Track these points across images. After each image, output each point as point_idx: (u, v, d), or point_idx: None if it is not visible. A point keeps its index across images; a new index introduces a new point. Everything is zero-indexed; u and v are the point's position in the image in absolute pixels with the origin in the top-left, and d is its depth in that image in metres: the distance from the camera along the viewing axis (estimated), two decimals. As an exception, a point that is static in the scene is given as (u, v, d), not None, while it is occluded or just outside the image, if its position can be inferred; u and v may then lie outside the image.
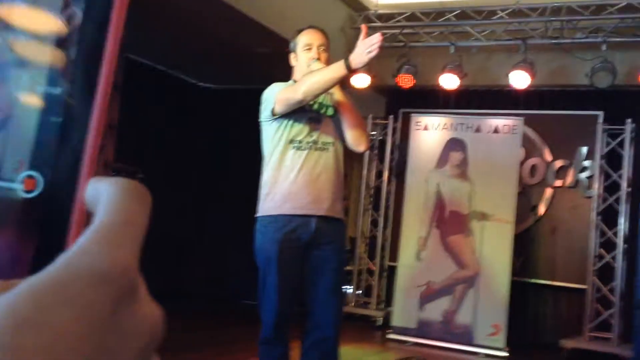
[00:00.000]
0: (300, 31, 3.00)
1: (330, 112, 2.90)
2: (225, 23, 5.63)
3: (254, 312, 2.88)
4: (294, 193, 2.80)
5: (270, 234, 2.80)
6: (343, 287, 2.95)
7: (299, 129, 2.84)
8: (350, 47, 6.71)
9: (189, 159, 7.40)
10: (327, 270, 2.82)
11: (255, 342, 2.82)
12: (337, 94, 2.87)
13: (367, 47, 2.59)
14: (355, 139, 2.86)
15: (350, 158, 3.04)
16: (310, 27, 2.99)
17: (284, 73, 3.05)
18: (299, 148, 2.82)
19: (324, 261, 2.82)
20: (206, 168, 7.52)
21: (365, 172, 7.04)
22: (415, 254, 6.02)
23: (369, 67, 6.49)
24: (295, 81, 2.95)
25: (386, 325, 6.09)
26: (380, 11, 6.77)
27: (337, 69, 2.69)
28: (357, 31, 6.77)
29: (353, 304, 6.70)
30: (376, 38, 2.59)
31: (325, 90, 2.79)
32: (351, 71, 2.68)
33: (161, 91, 7.07)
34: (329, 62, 2.90)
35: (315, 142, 2.84)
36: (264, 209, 2.85)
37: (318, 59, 2.87)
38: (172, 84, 7.38)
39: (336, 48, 6.66)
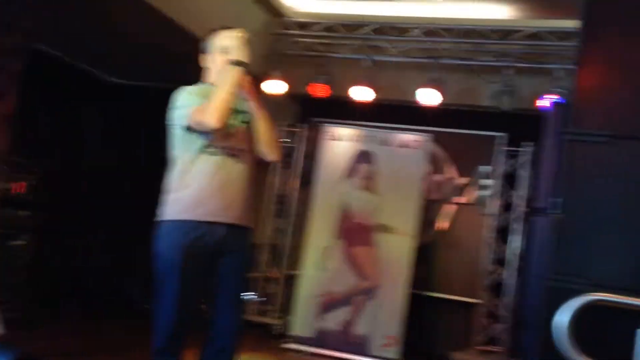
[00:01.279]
0: (215, 31, 2.89)
1: (244, 119, 2.85)
2: (139, 19, 5.46)
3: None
4: (203, 199, 2.71)
5: (175, 240, 2.68)
6: (245, 295, 2.89)
7: (213, 135, 2.74)
8: (264, 52, 6.73)
9: (92, 155, 7.13)
10: (232, 279, 2.76)
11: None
12: (250, 102, 2.82)
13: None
14: (266, 148, 2.82)
15: (259, 165, 2.98)
16: (226, 27, 2.88)
17: (198, 73, 2.97)
18: (212, 154, 2.73)
19: (229, 270, 2.75)
20: (109, 164, 7.26)
21: (273, 179, 7.01)
22: (318, 263, 6.04)
23: (284, 74, 6.50)
24: (211, 84, 2.84)
25: (285, 334, 6.07)
26: (299, 19, 6.77)
27: (230, 76, 2.68)
28: (275, 37, 6.81)
29: (253, 311, 6.64)
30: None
31: (231, 103, 2.72)
32: (240, 64, 2.69)
33: (68, 84, 6.77)
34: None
35: (229, 149, 2.76)
36: (169, 213, 2.74)
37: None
38: (80, 77, 7.07)
39: (252, 52, 6.66)
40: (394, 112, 6.68)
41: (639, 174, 2.44)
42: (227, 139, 2.76)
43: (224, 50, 2.80)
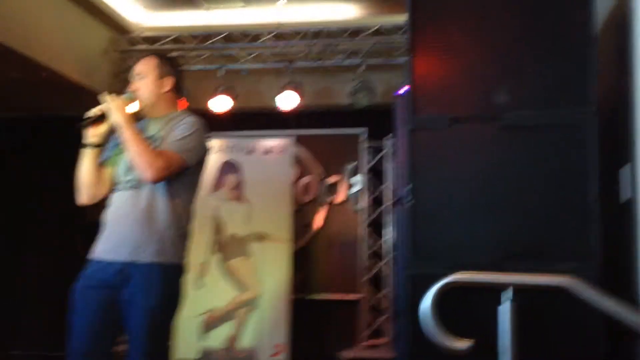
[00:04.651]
0: None
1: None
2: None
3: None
4: (103, 237, 2.72)
5: (81, 279, 2.70)
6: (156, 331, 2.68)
7: (120, 168, 2.76)
8: (114, 70, 6.47)
9: None
10: (132, 318, 2.62)
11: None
12: (119, 124, 2.69)
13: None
14: (138, 171, 2.67)
15: (181, 190, 2.86)
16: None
17: (40, 99, 2.84)
18: (117, 189, 2.75)
19: (129, 305, 2.63)
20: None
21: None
22: (195, 281, 5.86)
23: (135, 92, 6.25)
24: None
25: None
26: (146, 34, 6.56)
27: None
28: (121, 54, 6.55)
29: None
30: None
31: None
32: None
33: None
34: (149, 88, 2.81)
35: (131, 181, 2.71)
36: None
37: (133, 90, 2.80)
38: None
39: (98, 71, 6.38)
40: (255, 119, 6.63)
41: (478, 153, 2.52)
42: (132, 170, 2.72)
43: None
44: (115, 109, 2.68)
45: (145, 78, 2.81)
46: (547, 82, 2.49)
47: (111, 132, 2.80)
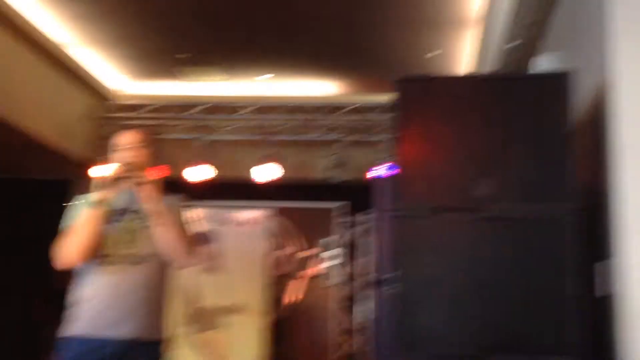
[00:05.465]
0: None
1: (147, 220, 2.64)
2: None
3: None
4: (94, 314, 2.56)
5: (68, 356, 2.53)
6: None
7: (113, 242, 2.61)
8: (91, 136, 6.45)
9: None
10: None
11: None
12: (146, 206, 2.59)
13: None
14: (169, 256, 2.59)
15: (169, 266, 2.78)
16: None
17: (21, 165, 2.76)
18: (110, 263, 2.59)
19: None
20: None
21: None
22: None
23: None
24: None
25: None
26: (127, 102, 6.61)
27: (86, 213, 2.57)
28: (100, 120, 6.56)
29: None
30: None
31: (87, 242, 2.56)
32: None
33: None
34: (147, 160, 2.68)
35: (130, 256, 2.60)
36: (67, 329, 2.58)
37: (135, 156, 2.67)
38: None
39: (77, 137, 6.36)
40: (233, 189, 6.64)
41: (458, 244, 2.55)
42: (130, 244, 2.61)
43: (114, 149, 2.71)
44: (150, 192, 2.58)
45: (146, 149, 2.74)
46: (527, 176, 2.54)
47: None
